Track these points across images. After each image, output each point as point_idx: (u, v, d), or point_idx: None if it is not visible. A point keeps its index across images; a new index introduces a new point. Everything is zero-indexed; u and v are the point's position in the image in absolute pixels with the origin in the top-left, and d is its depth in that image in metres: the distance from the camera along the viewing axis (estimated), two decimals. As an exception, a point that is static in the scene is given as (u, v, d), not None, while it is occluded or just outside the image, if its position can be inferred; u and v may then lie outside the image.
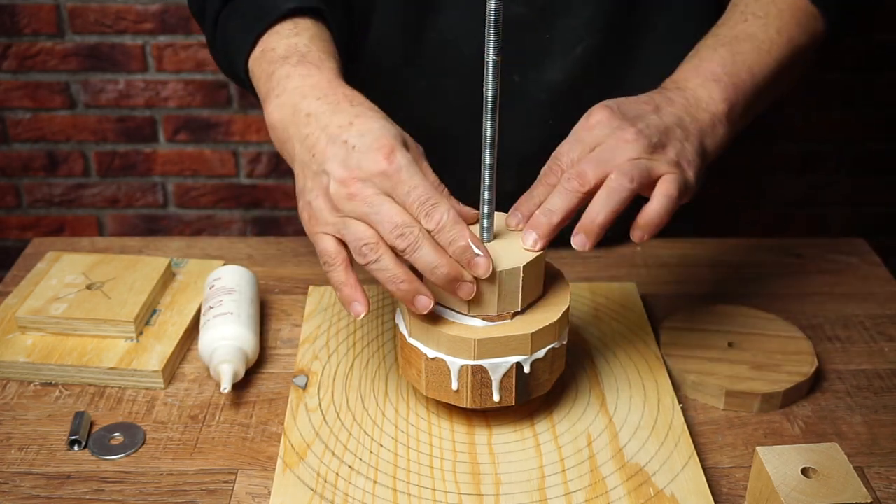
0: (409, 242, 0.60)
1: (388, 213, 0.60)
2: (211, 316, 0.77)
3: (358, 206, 0.61)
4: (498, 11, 0.60)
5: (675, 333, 0.80)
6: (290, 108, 0.67)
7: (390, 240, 0.60)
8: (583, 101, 0.89)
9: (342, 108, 0.65)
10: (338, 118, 0.64)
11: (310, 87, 0.67)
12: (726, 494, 0.66)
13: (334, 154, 0.62)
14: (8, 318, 0.81)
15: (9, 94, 1.79)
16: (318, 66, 0.69)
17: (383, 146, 0.62)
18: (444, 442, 0.68)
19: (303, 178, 0.65)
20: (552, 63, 0.88)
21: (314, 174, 0.64)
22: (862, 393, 0.77)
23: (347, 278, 0.63)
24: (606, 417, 0.70)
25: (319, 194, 0.63)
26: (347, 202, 0.61)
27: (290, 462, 0.65)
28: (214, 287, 0.81)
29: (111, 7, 1.72)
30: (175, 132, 1.84)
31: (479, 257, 0.61)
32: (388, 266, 0.61)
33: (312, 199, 0.63)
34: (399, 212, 0.61)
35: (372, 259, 0.61)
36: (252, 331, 0.77)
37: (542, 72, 0.89)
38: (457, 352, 0.64)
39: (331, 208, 0.62)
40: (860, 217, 1.93)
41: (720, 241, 0.98)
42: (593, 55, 0.88)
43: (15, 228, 1.95)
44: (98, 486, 0.66)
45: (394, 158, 0.61)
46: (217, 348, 0.74)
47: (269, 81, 0.70)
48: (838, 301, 0.89)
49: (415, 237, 0.60)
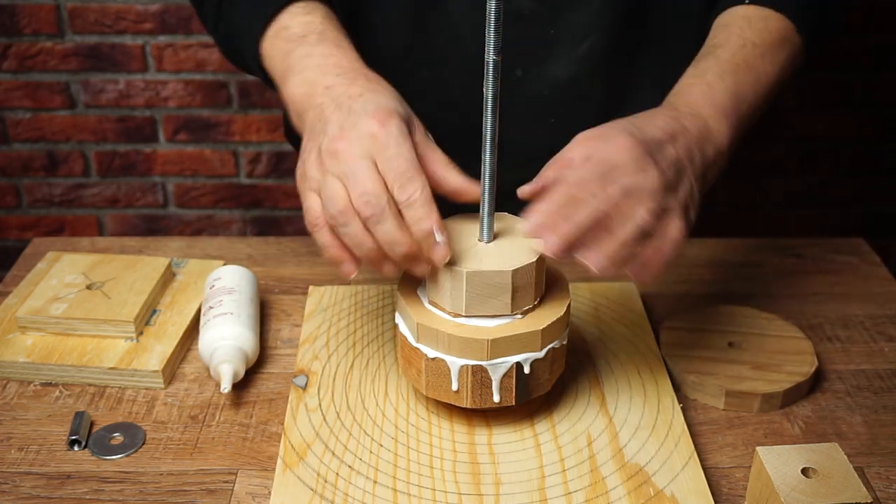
0: (373, 211, 0.60)
1: (363, 178, 0.60)
2: (211, 316, 0.77)
3: (339, 165, 0.62)
4: (498, 11, 0.60)
5: (675, 333, 0.80)
6: (310, 84, 0.68)
7: (358, 204, 0.60)
8: (585, 99, 0.89)
9: (359, 83, 0.67)
10: (351, 90, 0.66)
11: (332, 65, 0.69)
12: (726, 494, 0.66)
13: (336, 117, 0.64)
14: (8, 318, 0.81)
15: (9, 94, 1.79)
16: (337, 45, 0.71)
17: (381, 112, 0.62)
18: (444, 442, 0.68)
19: (305, 141, 0.66)
20: (556, 59, 0.88)
21: (315, 135, 0.65)
22: (862, 393, 0.77)
23: (333, 239, 0.63)
24: (606, 417, 0.70)
25: (313, 152, 0.64)
26: (331, 159, 0.62)
27: (290, 462, 0.65)
28: (214, 287, 0.81)
29: (111, 7, 1.72)
30: (175, 132, 1.84)
31: (439, 245, 0.61)
32: (355, 232, 0.61)
33: (306, 158, 0.65)
34: (374, 180, 0.61)
35: (341, 221, 0.61)
36: (252, 331, 0.77)
37: (546, 67, 0.89)
38: (467, 353, 0.64)
39: (318, 165, 0.63)
40: (860, 217, 1.93)
41: (720, 241, 0.98)
42: (598, 53, 0.88)
43: (15, 228, 1.95)
44: (98, 486, 0.66)
45: (387, 124, 0.62)
46: (217, 348, 0.74)
47: (286, 59, 0.71)
48: (838, 301, 0.89)
49: (381, 208, 0.60)
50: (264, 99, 1.79)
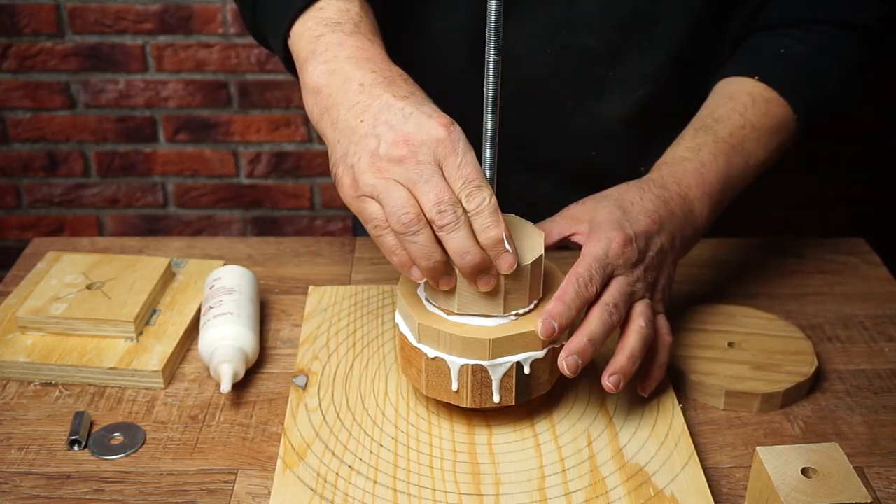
0: (448, 220, 0.59)
1: (437, 186, 0.59)
2: (211, 316, 0.77)
3: (407, 171, 0.59)
4: (498, 11, 0.60)
5: (675, 333, 0.80)
6: (341, 75, 0.65)
7: (430, 214, 0.59)
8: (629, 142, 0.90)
9: (398, 83, 0.64)
10: (394, 90, 0.63)
11: (365, 59, 0.66)
12: (726, 494, 0.66)
13: (388, 119, 0.61)
14: (8, 318, 0.81)
15: (9, 94, 1.79)
16: (371, 41, 0.68)
17: (443, 117, 0.61)
18: (444, 442, 0.68)
19: (346, 143, 0.63)
20: (609, 99, 0.88)
21: (361, 137, 0.61)
22: (862, 393, 0.77)
23: (400, 244, 0.61)
24: (606, 417, 0.70)
25: (364, 156, 0.61)
26: (395, 165, 0.60)
27: (290, 462, 0.65)
28: (214, 287, 0.81)
29: (111, 7, 1.72)
30: (175, 132, 1.84)
31: (508, 253, 0.61)
32: (425, 242, 0.59)
33: (356, 163, 0.61)
34: (446, 187, 0.59)
35: (412, 230, 0.59)
36: (252, 331, 0.77)
37: (597, 105, 0.89)
38: (468, 353, 0.64)
39: (374, 170, 0.60)
40: (860, 217, 1.93)
41: (720, 241, 0.98)
42: (651, 101, 0.88)
43: (15, 228, 1.95)
44: (98, 486, 0.66)
45: (453, 130, 0.60)
46: (217, 348, 0.74)
47: (315, 43, 0.68)
48: (838, 301, 0.89)
49: (457, 217, 0.59)
50: (264, 99, 1.80)
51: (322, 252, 0.96)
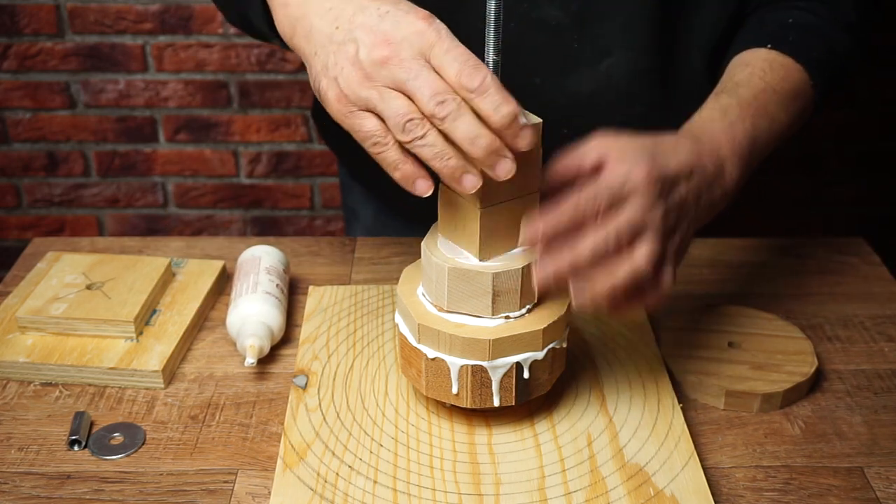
0: (449, 110, 0.55)
1: (427, 78, 0.55)
2: (243, 291, 0.81)
3: (393, 71, 0.56)
4: (498, 11, 0.60)
5: (675, 333, 0.80)
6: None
7: (429, 108, 0.55)
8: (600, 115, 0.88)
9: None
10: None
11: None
12: (726, 494, 0.66)
13: (364, 21, 0.58)
14: (8, 318, 0.81)
15: (9, 94, 1.79)
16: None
17: (421, 11, 0.57)
18: (444, 442, 0.68)
19: (324, 54, 0.59)
20: (576, 72, 0.87)
21: (339, 45, 0.58)
22: (862, 393, 0.77)
23: (404, 155, 0.58)
24: (606, 417, 0.70)
25: (346, 65, 0.57)
26: (381, 68, 0.56)
27: (290, 462, 0.65)
28: (250, 263, 0.84)
29: (111, 7, 1.72)
30: (175, 132, 1.84)
31: (525, 129, 0.57)
32: (434, 142, 0.56)
33: (338, 74, 0.58)
34: (438, 78, 0.56)
35: (418, 135, 0.56)
36: (279, 310, 0.80)
37: (565, 79, 0.87)
38: (468, 353, 0.64)
39: (362, 78, 0.57)
40: (860, 217, 1.93)
41: (720, 241, 0.98)
42: (621, 72, 0.86)
43: (15, 228, 1.95)
44: (98, 486, 0.66)
45: (433, 21, 0.57)
46: (245, 324, 0.77)
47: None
48: (838, 301, 0.89)
49: (457, 104, 0.55)
50: (264, 99, 1.80)
51: (322, 252, 0.96)
